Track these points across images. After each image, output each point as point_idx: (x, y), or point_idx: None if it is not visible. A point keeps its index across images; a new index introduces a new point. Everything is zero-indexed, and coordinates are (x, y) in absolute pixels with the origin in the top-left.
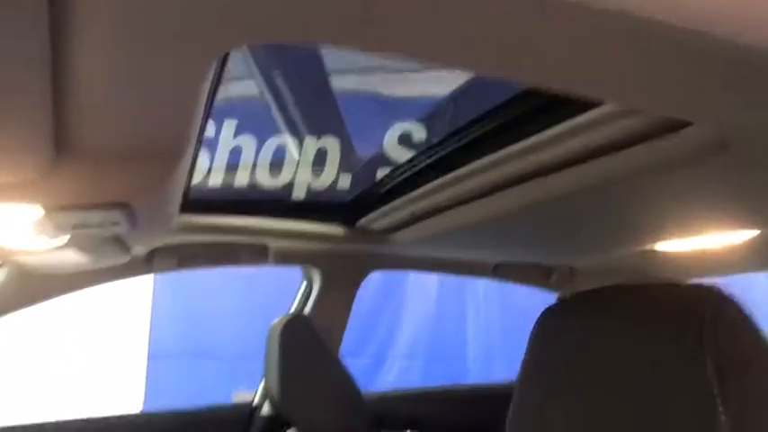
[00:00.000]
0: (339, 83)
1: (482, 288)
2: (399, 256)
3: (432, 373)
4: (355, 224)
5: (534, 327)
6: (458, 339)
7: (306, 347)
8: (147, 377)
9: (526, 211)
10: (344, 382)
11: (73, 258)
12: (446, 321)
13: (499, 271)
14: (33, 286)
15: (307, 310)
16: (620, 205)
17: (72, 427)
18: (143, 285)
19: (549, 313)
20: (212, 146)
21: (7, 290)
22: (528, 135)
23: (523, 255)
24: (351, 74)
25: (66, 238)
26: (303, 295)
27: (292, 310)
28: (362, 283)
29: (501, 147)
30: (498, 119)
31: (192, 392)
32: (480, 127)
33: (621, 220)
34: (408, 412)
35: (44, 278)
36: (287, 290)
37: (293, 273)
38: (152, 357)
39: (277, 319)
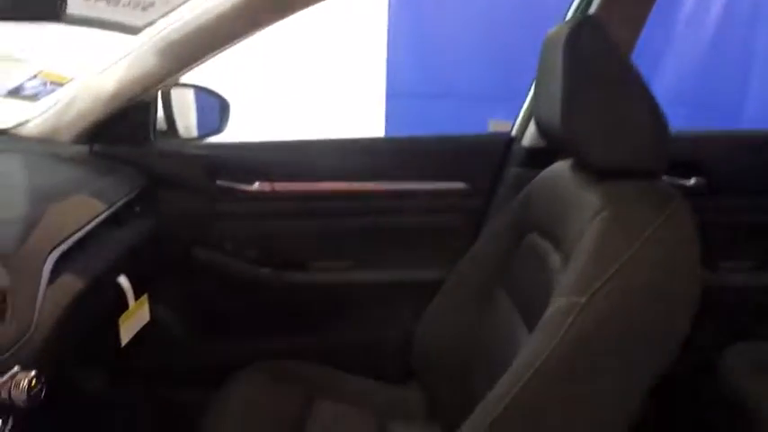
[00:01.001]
0: None
1: None
2: None
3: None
4: None
5: None
6: (736, 88)
7: (596, 59)
8: (385, 117)
9: None
10: (648, 106)
11: None
12: (725, 63)
13: None
14: None
15: None
16: None
17: (332, 145)
18: (378, 25)
19: None
20: None
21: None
22: None
23: None
24: None
25: None
26: (578, 7)
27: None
28: None
29: None
30: None
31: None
32: None
33: None
34: (694, 156)
35: None
36: (529, 33)
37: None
38: (389, 97)
39: (557, 26)
